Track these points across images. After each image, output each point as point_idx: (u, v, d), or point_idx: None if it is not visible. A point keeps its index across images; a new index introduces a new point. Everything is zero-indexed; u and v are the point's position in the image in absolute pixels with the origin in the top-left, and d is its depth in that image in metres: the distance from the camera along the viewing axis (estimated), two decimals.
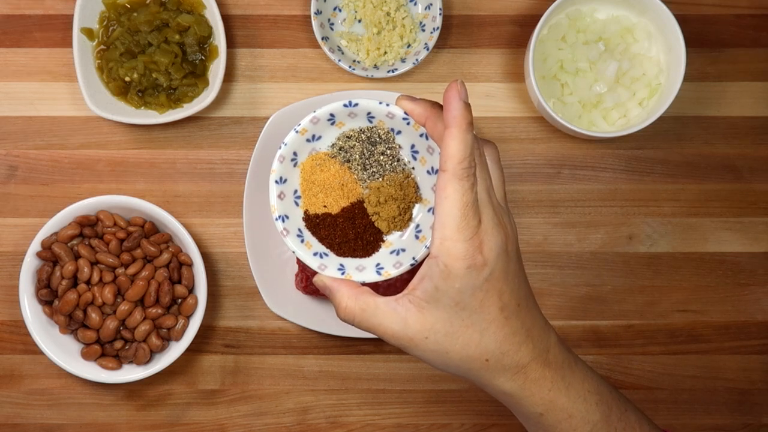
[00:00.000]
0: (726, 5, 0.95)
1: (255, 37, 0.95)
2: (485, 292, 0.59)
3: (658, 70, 0.91)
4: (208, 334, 0.95)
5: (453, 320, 0.60)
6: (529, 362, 0.61)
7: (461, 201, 0.58)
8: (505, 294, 0.60)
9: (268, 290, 0.92)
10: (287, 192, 0.68)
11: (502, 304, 0.60)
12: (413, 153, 0.67)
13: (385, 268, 0.67)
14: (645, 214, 0.95)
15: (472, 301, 0.59)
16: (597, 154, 0.95)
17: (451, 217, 0.58)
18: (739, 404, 0.95)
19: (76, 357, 0.91)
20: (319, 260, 0.67)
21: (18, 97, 0.95)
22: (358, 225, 0.68)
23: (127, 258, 0.90)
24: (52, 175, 0.95)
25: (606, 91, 0.91)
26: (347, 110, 0.66)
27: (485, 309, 0.60)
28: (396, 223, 0.68)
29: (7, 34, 0.95)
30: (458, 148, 0.58)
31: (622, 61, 0.90)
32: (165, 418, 0.95)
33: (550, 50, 0.91)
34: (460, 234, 0.58)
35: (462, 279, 0.58)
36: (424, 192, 0.68)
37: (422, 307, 0.60)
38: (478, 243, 0.58)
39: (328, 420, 0.95)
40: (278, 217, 0.67)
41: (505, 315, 0.60)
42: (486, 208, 0.59)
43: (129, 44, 0.91)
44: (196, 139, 0.95)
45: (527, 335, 0.61)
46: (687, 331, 0.95)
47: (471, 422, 0.95)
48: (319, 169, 0.68)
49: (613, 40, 0.91)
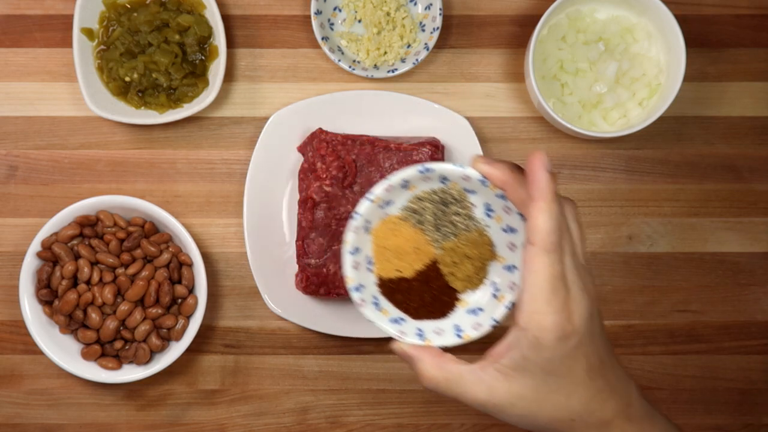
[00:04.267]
0: (726, 5, 0.95)
1: (255, 37, 0.95)
2: (573, 358, 0.59)
3: (658, 70, 0.91)
4: (208, 334, 0.95)
5: (540, 387, 0.60)
6: (612, 418, 0.61)
7: (550, 274, 0.58)
8: (591, 356, 0.60)
9: (268, 290, 0.92)
10: (361, 260, 0.66)
11: (588, 365, 0.60)
12: (488, 212, 0.65)
13: (464, 330, 0.66)
14: (645, 214, 0.95)
15: (561, 367, 0.59)
16: (597, 154, 0.95)
17: (540, 291, 0.58)
18: (739, 404, 0.95)
19: (76, 357, 0.91)
20: (398, 326, 0.66)
21: (18, 97, 0.95)
22: (433, 287, 0.67)
23: (127, 258, 0.90)
24: (52, 175, 0.95)
25: (606, 91, 0.91)
26: (422, 175, 0.64)
27: (572, 373, 0.60)
28: (472, 282, 0.67)
29: (7, 34, 0.95)
30: (546, 222, 0.57)
31: (622, 61, 0.90)
32: (165, 418, 0.95)
33: (550, 50, 0.91)
34: (550, 307, 0.58)
35: (552, 349, 0.58)
36: (500, 249, 0.66)
37: (509, 375, 0.60)
38: (567, 314, 0.58)
39: (328, 420, 0.95)
40: (355, 287, 0.65)
41: (591, 376, 0.60)
42: (572, 273, 0.59)
43: (129, 44, 0.91)
44: (196, 139, 0.95)
45: (611, 391, 0.61)
46: (687, 331, 0.95)
47: (471, 422, 0.95)
48: (392, 233, 0.66)
49: (613, 40, 0.91)
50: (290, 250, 0.93)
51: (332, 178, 0.89)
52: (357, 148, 0.90)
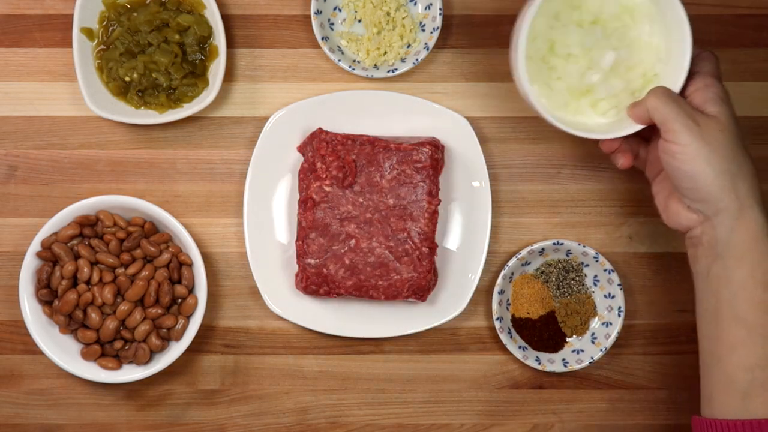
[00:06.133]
0: (726, 5, 0.95)
1: (255, 37, 0.95)
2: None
3: (657, 59, 0.81)
4: (208, 334, 0.95)
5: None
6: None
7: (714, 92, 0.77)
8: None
9: (268, 290, 0.92)
10: (503, 300, 0.93)
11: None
12: (595, 281, 0.94)
13: (569, 363, 0.93)
14: (645, 214, 0.95)
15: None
16: (597, 154, 0.95)
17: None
18: None
19: (76, 357, 0.90)
20: (522, 352, 0.92)
21: (18, 97, 0.95)
22: (550, 329, 0.93)
23: (127, 258, 0.90)
24: (52, 175, 0.95)
25: (598, 80, 0.81)
26: (554, 246, 0.92)
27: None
28: (577, 330, 0.94)
29: (7, 34, 0.95)
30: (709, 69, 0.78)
31: (620, 49, 0.81)
32: (165, 418, 0.95)
33: (541, 29, 0.81)
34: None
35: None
36: (600, 309, 0.94)
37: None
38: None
39: (328, 420, 0.95)
40: (497, 318, 0.92)
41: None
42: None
43: (129, 44, 0.91)
44: (196, 139, 0.95)
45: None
46: (687, 331, 0.95)
47: (471, 422, 0.95)
48: (527, 285, 0.94)
49: (611, 22, 0.81)
50: (290, 250, 0.93)
51: (332, 178, 0.89)
52: (357, 148, 0.89)
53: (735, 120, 0.75)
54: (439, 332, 0.95)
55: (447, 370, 0.95)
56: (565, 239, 0.92)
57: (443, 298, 0.93)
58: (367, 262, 0.89)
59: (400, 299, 0.90)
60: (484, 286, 0.95)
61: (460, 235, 0.93)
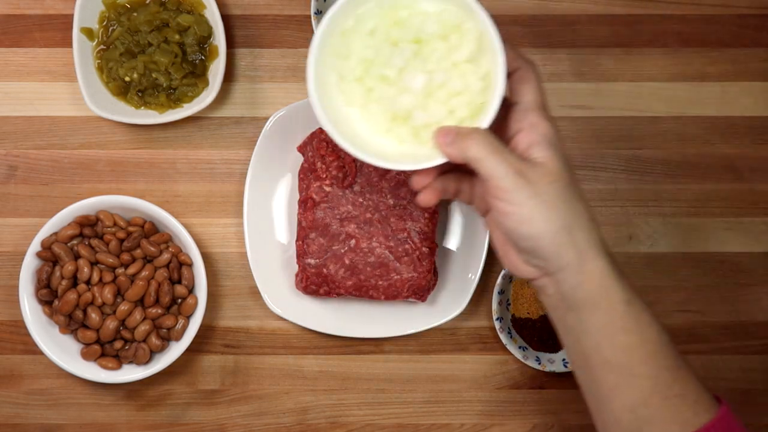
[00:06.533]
0: (726, 5, 0.95)
1: (255, 37, 0.95)
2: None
3: (484, 86, 0.69)
4: (208, 334, 0.95)
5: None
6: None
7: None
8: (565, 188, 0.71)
9: (268, 290, 0.92)
10: (503, 300, 0.93)
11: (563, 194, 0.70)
12: None
13: (570, 363, 0.85)
14: (645, 214, 0.95)
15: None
16: (597, 154, 0.95)
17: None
18: (739, 404, 0.95)
19: (76, 357, 0.90)
20: (522, 352, 0.93)
21: (18, 97, 0.95)
22: (550, 329, 0.92)
23: (127, 258, 0.90)
24: (52, 175, 0.95)
25: (414, 106, 0.70)
26: None
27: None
28: None
29: (7, 34, 0.95)
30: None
31: (435, 72, 0.69)
32: (165, 418, 0.95)
33: (355, 47, 0.71)
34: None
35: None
36: None
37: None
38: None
39: (328, 420, 0.95)
40: (496, 318, 0.92)
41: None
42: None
43: (129, 44, 0.91)
44: (196, 139, 0.95)
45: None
46: (687, 331, 0.95)
47: (471, 422, 0.95)
48: (527, 285, 0.94)
49: (432, 42, 0.69)
50: (290, 250, 0.93)
51: (332, 178, 0.89)
52: None
53: (565, 161, 0.67)
54: (439, 332, 0.95)
55: (447, 370, 0.95)
56: None
57: (443, 298, 0.93)
58: (367, 262, 0.89)
59: (400, 299, 0.90)
60: (484, 286, 0.95)
61: (460, 235, 0.93)
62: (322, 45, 0.70)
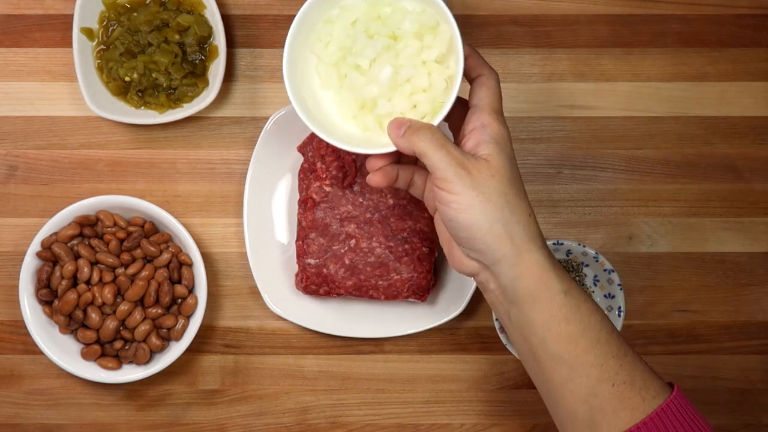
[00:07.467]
0: (726, 5, 0.95)
1: (255, 37, 0.95)
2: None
3: (447, 87, 0.73)
4: (208, 334, 0.95)
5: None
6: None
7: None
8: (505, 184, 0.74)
9: (268, 290, 0.92)
10: None
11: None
12: (595, 281, 0.93)
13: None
14: (645, 214, 0.95)
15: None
16: (597, 154, 0.95)
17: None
18: (739, 404, 0.95)
19: (76, 357, 0.90)
20: None
21: (18, 97, 0.95)
22: None
23: (127, 258, 0.90)
24: (52, 175, 0.95)
25: (380, 96, 0.74)
26: (554, 247, 0.91)
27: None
28: None
29: (7, 34, 0.95)
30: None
31: (403, 67, 0.73)
32: (165, 418, 0.95)
33: (337, 34, 0.76)
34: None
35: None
36: (601, 305, 0.93)
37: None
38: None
39: (328, 420, 0.95)
40: (496, 318, 0.88)
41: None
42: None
43: (129, 44, 0.91)
44: (196, 139, 0.95)
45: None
46: (687, 331, 0.95)
47: (471, 422, 0.95)
48: None
49: (406, 39, 0.74)
50: (290, 250, 0.93)
51: (332, 178, 0.89)
52: None
53: (510, 160, 0.71)
54: (439, 332, 0.95)
55: (447, 370, 0.95)
56: (565, 239, 0.92)
57: (443, 298, 0.93)
58: (367, 262, 0.89)
59: (400, 299, 0.90)
60: None
61: None
62: (298, 31, 0.75)
